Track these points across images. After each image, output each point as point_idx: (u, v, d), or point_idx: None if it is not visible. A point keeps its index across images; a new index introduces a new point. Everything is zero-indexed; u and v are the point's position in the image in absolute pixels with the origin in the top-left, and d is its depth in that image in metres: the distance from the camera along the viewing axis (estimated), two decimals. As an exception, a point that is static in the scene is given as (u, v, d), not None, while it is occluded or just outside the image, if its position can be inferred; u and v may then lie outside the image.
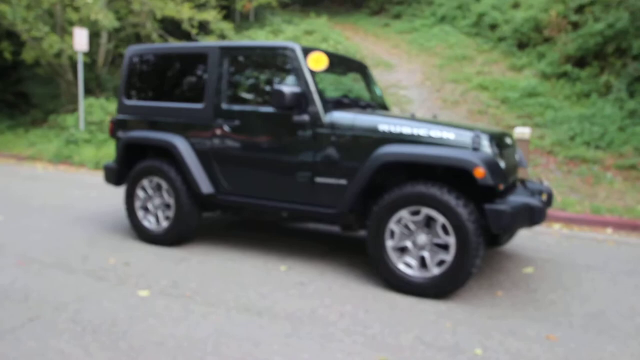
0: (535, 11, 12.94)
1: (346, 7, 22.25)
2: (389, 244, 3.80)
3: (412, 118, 4.11)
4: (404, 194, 3.70)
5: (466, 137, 3.66)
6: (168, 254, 4.63)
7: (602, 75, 10.41)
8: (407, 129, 3.82)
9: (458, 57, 13.80)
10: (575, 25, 11.82)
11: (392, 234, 3.80)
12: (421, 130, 3.78)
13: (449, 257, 3.60)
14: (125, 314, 3.32)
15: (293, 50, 4.21)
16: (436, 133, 3.74)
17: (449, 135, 3.70)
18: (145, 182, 4.88)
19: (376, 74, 13.32)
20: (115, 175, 5.14)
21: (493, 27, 14.33)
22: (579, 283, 4.21)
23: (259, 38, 15.17)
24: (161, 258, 4.51)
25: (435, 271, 3.67)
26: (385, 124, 3.90)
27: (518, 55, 12.95)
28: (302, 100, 4.06)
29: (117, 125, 5.17)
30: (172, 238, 4.76)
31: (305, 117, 4.09)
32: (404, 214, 3.73)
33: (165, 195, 4.79)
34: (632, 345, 3.09)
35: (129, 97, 5.13)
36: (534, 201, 3.75)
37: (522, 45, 13.14)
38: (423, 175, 3.86)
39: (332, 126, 4.03)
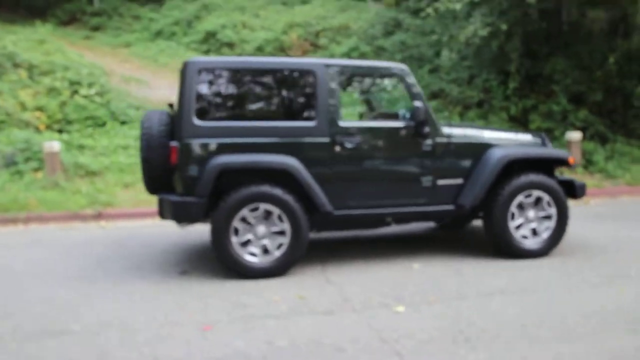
0: (275, 33, 14.67)
1: (20, 13, 19.39)
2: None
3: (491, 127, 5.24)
4: (520, 183, 4.82)
5: (537, 138, 5.07)
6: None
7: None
8: (503, 135, 4.97)
9: (206, 73, 14.40)
10: (316, 46, 14.10)
11: (513, 215, 4.87)
12: (510, 135, 4.99)
13: None
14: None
15: (404, 70, 4.74)
16: (521, 137, 5.02)
17: (527, 137, 5.04)
18: (245, 212, 4.42)
19: (132, 90, 12.80)
20: (197, 210, 4.37)
21: (230, 45, 15.41)
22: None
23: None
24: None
25: None
26: (487, 131, 4.94)
27: (265, 71, 14.47)
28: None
29: (189, 150, 4.41)
30: (284, 266, 4.50)
31: (428, 129, 4.72)
32: (521, 198, 4.85)
33: (276, 222, 4.49)
34: None
35: (202, 117, 4.45)
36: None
37: (265, 63, 14.70)
38: (528, 168, 4.98)
39: (449, 135, 4.80)
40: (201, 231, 6.07)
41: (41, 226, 6.91)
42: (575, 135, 8.53)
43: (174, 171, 4.68)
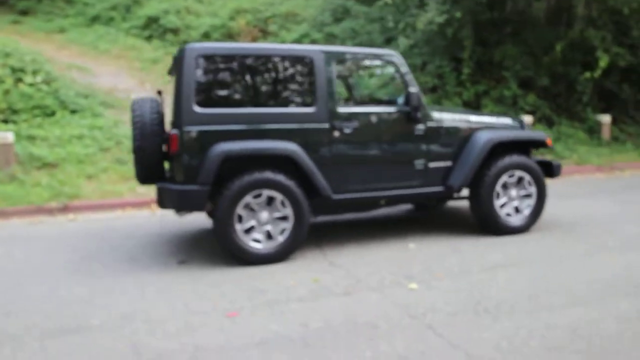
0: (222, 19, 14.42)
1: None
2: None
3: (473, 111, 5.50)
4: (504, 164, 5.10)
5: (516, 121, 5.39)
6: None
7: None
8: (486, 119, 5.24)
9: (150, 60, 14.04)
10: (266, 33, 14.01)
11: (498, 194, 5.15)
12: (493, 119, 5.27)
13: None
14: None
15: (396, 56, 4.88)
16: (502, 120, 5.31)
17: (507, 121, 5.35)
18: (249, 198, 4.43)
19: (76, 78, 12.26)
20: (201, 198, 4.32)
21: (174, 30, 15.00)
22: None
23: None
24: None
25: None
26: (473, 116, 5.19)
27: (213, 58, 14.22)
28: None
29: (190, 138, 4.34)
30: (287, 251, 4.55)
31: (421, 114, 4.90)
32: (505, 178, 5.14)
33: (279, 208, 4.52)
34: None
35: (204, 104, 4.38)
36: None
37: (213, 49, 14.44)
38: (511, 150, 5.25)
39: (439, 120, 5.01)
40: (179, 219, 6.02)
41: (4, 221, 6.54)
42: (527, 119, 9.03)
43: (168, 159, 4.60)
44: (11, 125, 8.83)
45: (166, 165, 4.84)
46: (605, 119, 9.85)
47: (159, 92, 5.02)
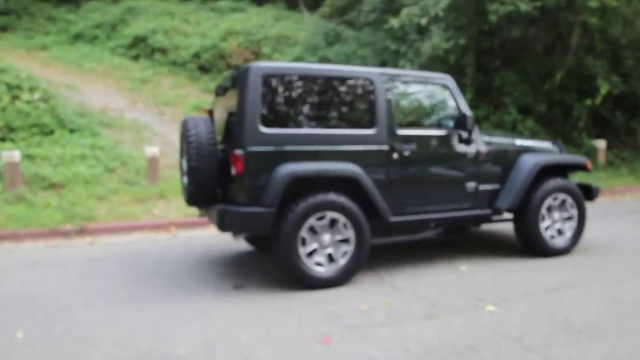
0: (212, 40, 14.34)
1: None
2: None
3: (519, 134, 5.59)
4: (550, 187, 5.19)
5: (555, 146, 5.52)
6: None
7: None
8: (530, 142, 5.34)
9: (140, 80, 13.82)
10: (258, 55, 13.99)
11: (543, 217, 5.23)
12: (536, 143, 5.39)
13: None
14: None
15: (450, 80, 4.94)
16: (542, 145, 5.43)
17: (548, 145, 5.47)
18: (313, 221, 4.35)
19: (65, 95, 11.93)
20: (268, 220, 4.20)
21: (162, 50, 14.81)
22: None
23: None
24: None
25: None
26: (518, 140, 5.28)
27: (204, 79, 14.11)
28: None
29: (255, 158, 4.24)
30: (349, 275, 4.47)
31: (473, 137, 4.95)
32: (549, 201, 5.23)
33: (342, 230, 4.45)
34: None
35: (268, 125, 4.30)
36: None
37: (203, 70, 14.35)
38: (553, 173, 5.35)
39: (489, 143, 5.07)
40: (205, 243, 5.90)
41: (17, 244, 6.22)
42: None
43: (227, 181, 4.48)
44: (9, 144, 8.47)
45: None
46: (601, 144, 10.20)
47: (210, 112, 4.90)
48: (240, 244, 5.82)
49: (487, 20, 9.02)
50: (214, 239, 6.42)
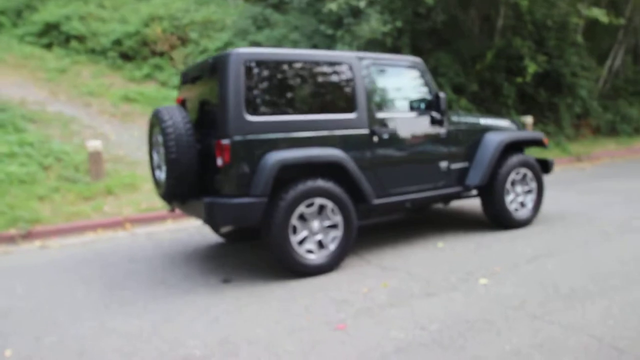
0: (134, 26, 13.67)
1: None
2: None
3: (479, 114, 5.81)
4: (513, 163, 5.47)
5: (514, 123, 5.82)
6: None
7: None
8: (491, 121, 5.59)
9: (56, 70, 12.97)
10: (185, 41, 13.52)
11: (507, 191, 5.51)
12: (497, 122, 5.65)
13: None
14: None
15: (420, 62, 5.05)
16: (502, 123, 5.71)
17: (507, 123, 5.76)
18: (303, 208, 4.31)
19: (-26, 89, 11.02)
20: (259, 211, 4.10)
21: (79, 38, 13.94)
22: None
23: None
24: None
25: None
26: (481, 119, 5.51)
27: (128, 67, 13.45)
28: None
29: (243, 147, 4.11)
30: (338, 260, 4.48)
31: (443, 117, 5.11)
32: (513, 175, 5.52)
33: (330, 216, 4.45)
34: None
35: (253, 112, 4.18)
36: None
37: (126, 58, 13.67)
38: (517, 148, 5.63)
39: (457, 123, 5.26)
40: (169, 238, 5.72)
41: (-41, 255, 5.68)
42: (528, 120, 9.71)
43: (209, 172, 4.33)
44: None
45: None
46: (529, 120, 10.84)
47: (182, 102, 4.69)
48: (206, 237, 5.69)
49: (421, 3, 9.23)
50: (175, 234, 6.21)
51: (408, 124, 4.86)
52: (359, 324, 3.39)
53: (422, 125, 4.93)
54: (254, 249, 5.34)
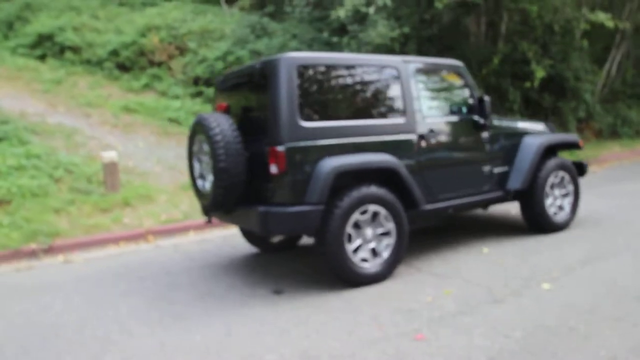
0: (131, 36, 13.45)
1: None
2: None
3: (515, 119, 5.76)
4: (551, 166, 5.42)
5: (548, 127, 5.79)
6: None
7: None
8: (528, 125, 5.55)
9: (52, 81, 12.70)
10: (184, 50, 13.34)
11: (547, 194, 5.45)
12: (533, 125, 5.61)
13: None
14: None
15: (462, 66, 4.99)
16: (538, 126, 5.67)
17: (541, 126, 5.72)
18: (357, 215, 4.19)
19: (-29, 101, 10.72)
20: (316, 219, 3.96)
21: (74, 49, 13.66)
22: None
23: None
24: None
25: None
26: (519, 123, 5.47)
27: (126, 78, 13.21)
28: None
29: (300, 154, 3.97)
30: (392, 268, 4.37)
31: (487, 121, 5.05)
32: (552, 179, 5.47)
33: (383, 223, 4.34)
34: None
35: (306, 118, 4.05)
36: None
37: (123, 68, 13.43)
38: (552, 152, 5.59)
39: (498, 127, 5.20)
40: (201, 248, 5.56)
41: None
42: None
43: (260, 180, 4.19)
44: None
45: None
46: (535, 125, 10.87)
47: (227, 108, 4.53)
48: (237, 248, 5.56)
49: (432, 5, 9.22)
50: (202, 245, 6.04)
51: (453, 128, 4.78)
52: (438, 333, 3.27)
53: (466, 129, 4.87)
54: (296, 258, 5.19)
